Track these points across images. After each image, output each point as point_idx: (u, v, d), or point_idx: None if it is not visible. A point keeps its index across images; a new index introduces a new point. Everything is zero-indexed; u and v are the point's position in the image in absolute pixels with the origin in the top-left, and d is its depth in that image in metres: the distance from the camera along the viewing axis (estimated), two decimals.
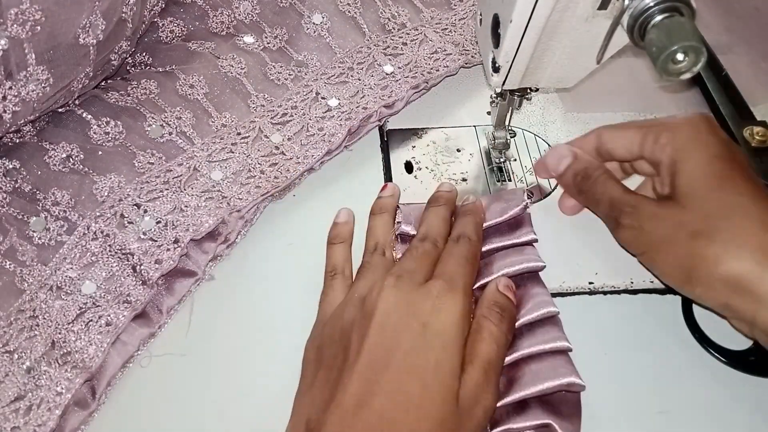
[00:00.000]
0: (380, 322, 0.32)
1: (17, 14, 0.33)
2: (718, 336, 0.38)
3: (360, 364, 0.30)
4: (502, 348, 0.33)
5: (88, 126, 0.42)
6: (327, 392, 0.31)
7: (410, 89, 0.47)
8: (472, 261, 0.36)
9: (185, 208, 0.40)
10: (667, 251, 0.34)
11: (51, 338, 0.35)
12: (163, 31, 0.49)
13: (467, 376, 0.31)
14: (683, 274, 0.34)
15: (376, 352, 0.31)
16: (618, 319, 0.39)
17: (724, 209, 0.33)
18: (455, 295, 0.33)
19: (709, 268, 0.33)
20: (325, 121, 0.45)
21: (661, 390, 0.36)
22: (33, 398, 0.33)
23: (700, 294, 0.34)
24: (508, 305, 0.35)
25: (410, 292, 0.33)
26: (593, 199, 0.39)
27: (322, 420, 0.30)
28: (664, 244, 0.34)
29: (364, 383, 0.30)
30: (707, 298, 0.34)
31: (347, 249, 0.40)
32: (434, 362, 0.30)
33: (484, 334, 0.33)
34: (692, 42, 0.29)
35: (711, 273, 0.33)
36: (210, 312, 0.39)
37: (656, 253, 0.35)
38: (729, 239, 0.32)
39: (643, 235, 0.35)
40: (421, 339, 0.31)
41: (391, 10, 0.51)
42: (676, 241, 0.34)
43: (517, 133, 0.48)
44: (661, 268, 0.35)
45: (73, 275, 0.37)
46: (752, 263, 0.32)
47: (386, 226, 0.40)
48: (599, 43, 0.34)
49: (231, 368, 0.37)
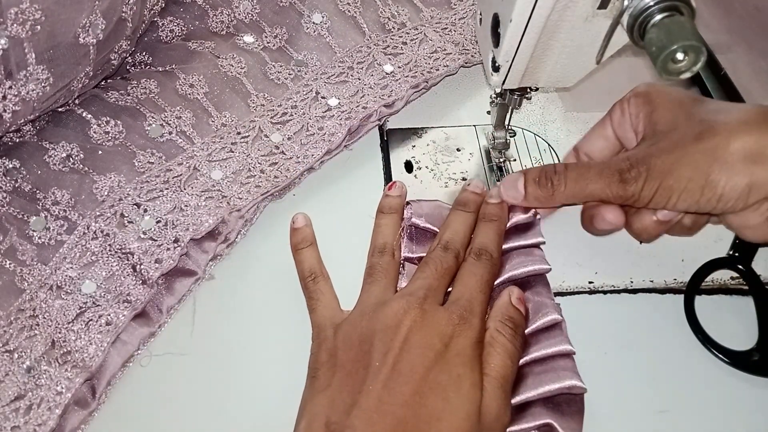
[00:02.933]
0: (406, 337, 0.32)
1: (17, 14, 0.33)
2: (720, 336, 0.38)
3: (383, 373, 0.31)
4: (515, 364, 0.34)
5: (88, 125, 0.42)
6: (348, 395, 0.31)
7: (410, 89, 0.47)
8: (490, 283, 0.36)
9: (185, 207, 0.40)
10: (680, 165, 0.34)
11: (51, 338, 0.35)
12: (163, 31, 0.49)
13: (486, 393, 0.31)
14: (702, 177, 0.34)
15: (401, 366, 0.31)
16: (618, 319, 0.39)
17: (711, 112, 0.35)
18: (473, 321, 0.33)
19: (723, 154, 0.33)
20: (325, 121, 0.45)
21: (661, 389, 0.36)
22: (33, 397, 0.33)
23: (723, 185, 0.34)
24: (520, 320, 0.35)
25: (435, 313, 0.33)
26: (580, 183, 0.37)
27: (346, 423, 0.30)
28: (674, 162, 0.34)
29: (388, 392, 0.30)
30: (731, 187, 0.33)
31: (317, 250, 0.40)
32: (456, 378, 0.31)
33: (498, 349, 0.33)
34: (692, 41, 0.29)
35: (727, 157, 0.33)
36: (210, 311, 0.39)
37: (669, 176, 0.35)
38: (732, 122, 0.34)
39: (653, 170, 0.35)
40: (443, 357, 0.32)
41: (391, 10, 0.51)
42: (684, 150, 0.34)
43: (517, 132, 0.48)
44: (680, 186, 0.34)
45: (73, 275, 0.37)
46: (761, 131, 0.33)
47: (395, 226, 0.40)
48: (599, 43, 0.34)
49: (231, 367, 0.37)
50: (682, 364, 0.37)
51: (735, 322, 0.39)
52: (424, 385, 0.31)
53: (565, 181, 0.37)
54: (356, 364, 0.32)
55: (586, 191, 0.37)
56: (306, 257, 0.40)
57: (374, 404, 0.30)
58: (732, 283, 0.41)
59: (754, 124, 0.34)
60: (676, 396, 0.36)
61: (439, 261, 0.36)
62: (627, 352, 0.38)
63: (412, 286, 0.35)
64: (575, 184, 0.37)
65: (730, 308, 0.40)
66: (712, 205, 0.35)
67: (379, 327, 0.33)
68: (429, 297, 0.34)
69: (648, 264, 0.41)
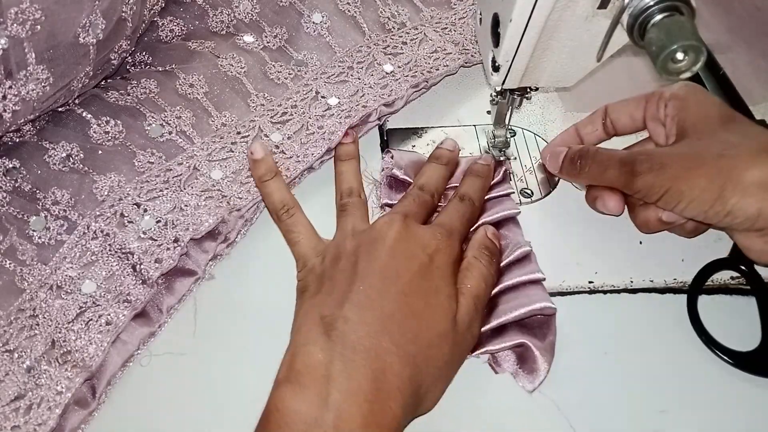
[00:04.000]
0: (391, 247, 0.35)
1: (17, 13, 0.33)
2: (721, 337, 0.38)
3: (371, 276, 0.34)
4: (490, 287, 0.37)
5: (88, 125, 0.42)
6: (338, 295, 0.34)
7: (410, 88, 0.47)
8: (470, 221, 0.40)
9: (185, 207, 0.40)
10: (697, 175, 0.35)
11: (51, 337, 0.35)
12: (162, 31, 0.49)
13: (461, 306, 0.34)
14: (716, 191, 0.35)
15: (386, 271, 0.34)
16: (618, 319, 0.39)
17: (738, 135, 0.36)
18: (453, 242, 0.37)
19: (741, 176, 0.34)
20: (324, 120, 0.45)
21: (661, 389, 0.36)
22: (33, 397, 0.33)
23: (734, 204, 0.35)
24: (495, 250, 0.38)
25: (418, 228, 0.37)
26: (601, 168, 0.39)
27: (339, 314, 0.32)
28: (691, 171, 0.36)
29: (376, 291, 0.33)
30: (740, 207, 0.35)
31: (282, 180, 0.41)
32: (435, 287, 0.34)
33: (474, 272, 0.36)
34: (692, 41, 0.29)
35: (743, 179, 0.34)
36: (210, 311, 0.39)
37: (683, 182, 0.36)
38: (755, 148, 0.35)
39: (665, 171, 0.36)
40: (426, 268, 0.35)
41: (391, 9, 0.51)
42: (703, 162, 0.36)
43: (517, 132, 0.48)
44: (691, 195, 0.35)
45: (73, 274, 0.37)
46: None
47: (355, 171, 0.43)
48: (599, 43, 0.34)
49: (230, 367, 0.37)
50: (682, 364, 0.37)
51: (735, 322, 0.39)
52: (408, 287, 0.34)
53: (591, 163, 0.40)
54: (344, 272, 0.35)
55: (604, 176, 0.39)
56: (273, 189, 0.41)
57: (364, 300, 0.33)
58: (732, 283, 0.41)
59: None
60: (676, 396, 0.36)
61: (417, 195, 0.40)
62: (627, 352, 0.38)
63: (392, 211, 0.39)
64: (598, 168, 0.39)
65: (731, 308, 0.40)
66: (718, 218, 0.36)
67: (364, 241, 0.36)
68: (410, 216, 0.37)
69: (648, 264, 0.41)
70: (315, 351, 0.31)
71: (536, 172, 0.46)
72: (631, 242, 0.42)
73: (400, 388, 0.31)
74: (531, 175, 0.46)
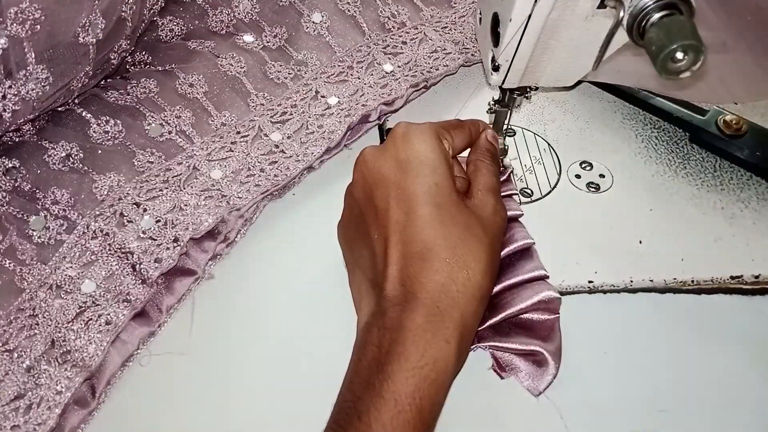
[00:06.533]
0: (363, 177, 0.35)
1: (17, 13, 0.33)
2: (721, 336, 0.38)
3: (391, 221, 0.33)
4: (497, 177, 0.38)
5: (88, 125, 0.42)
6: (380, 251, 0.33)
7: (410, 88, 0.47)
8: (468, 140, 0.39)
9: (185, 206, 0.40)
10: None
11: (51, 337, 0.35)
12: (162, 30, 0.49)
13: (480, 198, 0.35)
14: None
15: (397, 210, 0.33)
16: (617, 318, 0.39)
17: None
18: (421, 133, 0.35)
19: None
20: (324, 119, 0.45)
21: (661, 389, 0.36)
22: (33, 397, 0.33)
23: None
24: (495, 151, 0.40)
25: (380, 147, 0.36)
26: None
27: (384, 273, 0.32)
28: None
29: (398, 233, 0.33)
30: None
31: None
32: (434, 185, 0.34)
33: (483, 170, 0.38)
34: (692, 40, 0.29)
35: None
36: (210, 311, 0.39)
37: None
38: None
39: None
40: (410, 174, 0.34)
41: (391, 9, 0.51)
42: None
43: (517, 132, 0.48)
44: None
45: (72, 274, 0.37)
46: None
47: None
48: (599, 43, 0.34)
49: (230, 367, 0.37)
50: (681, 364, 0.37)
51: (736, 323, 0.39)
52: (415, 204, 0.33)
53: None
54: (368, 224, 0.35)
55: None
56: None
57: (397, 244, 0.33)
58: (732, 282, 0.41)
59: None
60: (676, 396, 0.36)
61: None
62: (627, 352, 0.38)
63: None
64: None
65: (731, 308, 0.40)
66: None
67: (359, 186, 0.36)
68: (376, 146, 0.37)
69: (648, 264, 0.41)
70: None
71: (534, 167, 0.46)
72: (630, 242, 0.42)
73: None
74: (531, 174, 0.46)
